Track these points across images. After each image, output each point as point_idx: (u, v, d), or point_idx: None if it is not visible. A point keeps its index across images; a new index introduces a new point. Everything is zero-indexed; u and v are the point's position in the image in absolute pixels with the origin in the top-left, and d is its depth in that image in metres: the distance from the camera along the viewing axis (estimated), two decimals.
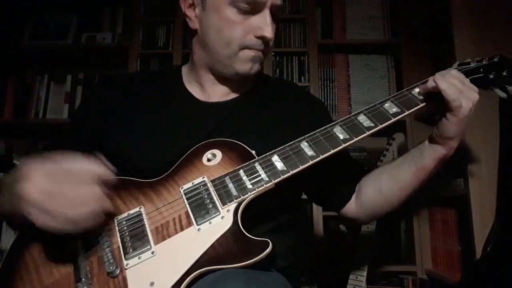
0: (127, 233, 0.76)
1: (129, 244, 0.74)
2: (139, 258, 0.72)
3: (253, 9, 0.85)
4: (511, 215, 1.26)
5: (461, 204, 1.52)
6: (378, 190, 0.96)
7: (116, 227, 0.77)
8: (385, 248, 2.00)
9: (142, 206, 0.79)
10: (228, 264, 0.69)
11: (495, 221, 1.29)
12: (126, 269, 0.72)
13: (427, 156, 0.88)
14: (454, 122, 0.81)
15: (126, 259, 0.73)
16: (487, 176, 1.42)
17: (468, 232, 1.42)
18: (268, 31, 0.86)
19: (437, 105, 0.83)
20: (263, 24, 0.86)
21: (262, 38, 0.87)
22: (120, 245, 0.75)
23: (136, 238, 0.75)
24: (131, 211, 0.79)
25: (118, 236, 0.76)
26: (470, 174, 1.44)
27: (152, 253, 0.73)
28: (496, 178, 1.40)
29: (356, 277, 1.54)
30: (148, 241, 0.74)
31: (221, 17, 0.86)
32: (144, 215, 0.78)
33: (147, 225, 0.76)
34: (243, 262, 0.69)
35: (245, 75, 0.92)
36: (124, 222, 0.78)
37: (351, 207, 1.01)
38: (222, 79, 0.96)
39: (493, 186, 1.41)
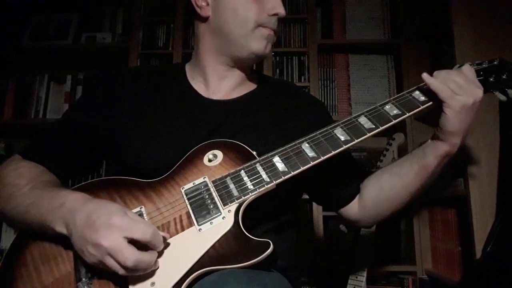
0: None
1: None
2: None
3: None
4: (511, 215, 1.26)
5: (461, 204, 1.52)
6: (381, 189, 0.95)
7: None
8: (385, 248, 2.00)
9: (143, 206, 0.79)
10: (229, 265, 0.70)
11: (495, 221, 1.28)
12: None
13: (430, 154, 0.87)
14: (451, 115, 0.81)
15: None
16: (487, 176, 1.42)
17: (468, 232, 1.42)
18: (281, 8, 0.93)
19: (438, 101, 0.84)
20: (275, 2, 0.93)
21: (276, 15, 0.93)
22: None
23: None
24: (132, 211, 0.79)
25: None
26: (470, 174, 1.44)
27: None
28: (496, 178, 1.41)
29: (356, 277, 1.54)
30: None
31: None
32: (144, 215, 0.78)
33: None
34: (244, 262, 0.69)
35: (260, 54, 0.95)
36: None
37: (354, 208, 1.01)
38: (230, 70, 0.97)
39: (493, 186, 1.41)
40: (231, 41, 0.93)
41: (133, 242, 0.67)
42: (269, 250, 0.70)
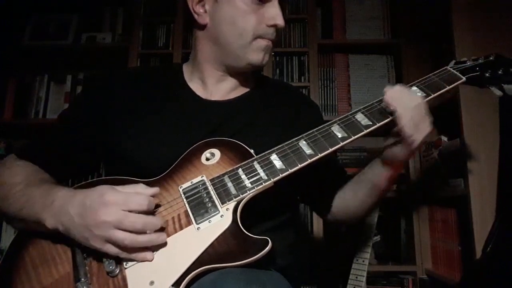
0: None
1: None
2: None
3: None
4: (511, 215, 1.26)
5: (461, 204, 1.52)
6: (343, 200, 1.02)
7: None
8: (385, 248, 2.00)
9: None
10: (228, 263, 0.69)
11: (495, 221, 1.28)
12: (125, 268, 0.72)
13: (380, 176, 0.92)
14: (406, 151, 0.84)
15: None
16: (487, 176, 1.42)
17: (468, 232, 1.42)
18: (280, 20, 0.90)
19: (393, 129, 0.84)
20: (275, 13, 0.90)
21: (275, 26, 0.91)
22: None
23: None
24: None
25: None
26: (470, 174, 1.44)
27: None
28: (496, 178, 1.40)
29: (356, 277, 1.54)
30: None
31: (234, 7, 0.89)
32: None
33: None
34: (243, 260, 0.69)
35: (257, 65, 0.94)
36: None
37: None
38: (228, 75, 0.97)
39: (493, 186, 1.40)
40: (228, 52, 0.92)
41: None
42: (267, 248, 0.70)
